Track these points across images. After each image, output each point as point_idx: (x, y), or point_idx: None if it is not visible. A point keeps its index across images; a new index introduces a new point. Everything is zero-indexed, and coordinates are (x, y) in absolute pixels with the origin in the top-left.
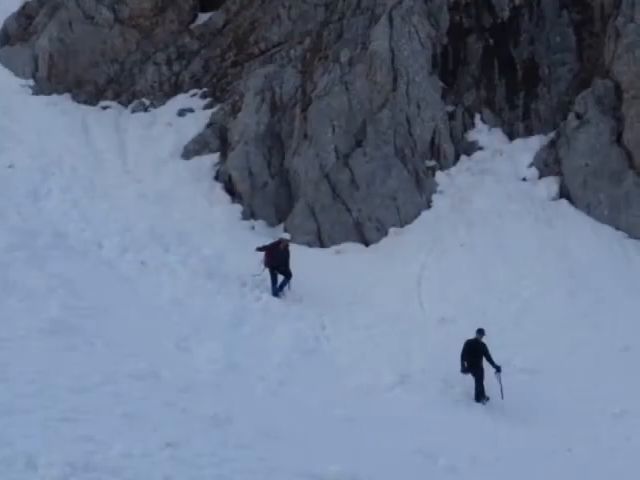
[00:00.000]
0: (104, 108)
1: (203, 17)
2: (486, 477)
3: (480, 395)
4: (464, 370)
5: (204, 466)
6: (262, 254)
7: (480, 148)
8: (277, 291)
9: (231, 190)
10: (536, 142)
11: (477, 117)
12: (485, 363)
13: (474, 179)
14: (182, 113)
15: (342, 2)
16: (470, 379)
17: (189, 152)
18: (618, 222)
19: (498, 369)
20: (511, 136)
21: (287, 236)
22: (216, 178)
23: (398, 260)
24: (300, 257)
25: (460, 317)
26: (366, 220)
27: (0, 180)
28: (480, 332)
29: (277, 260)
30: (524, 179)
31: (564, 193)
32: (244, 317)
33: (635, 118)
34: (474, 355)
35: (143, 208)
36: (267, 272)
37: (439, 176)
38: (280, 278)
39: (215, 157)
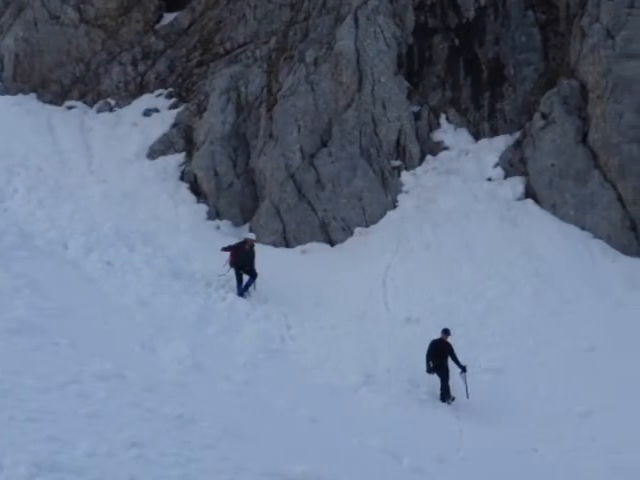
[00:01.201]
0: (69, 108)
1: (168, 17)
2: (451, 477)
3: (445, 395)
4: (429, 370)
5: (170, 466)
6: (227, 254)
7: (446, 148)
8: (242, 291)
9: (196, 190)
10: (501, 142)
11: (442, 117)
12: (450, 363)
13: (440, 179)
14: (147, 113)
15: (307, 2)
16: (436, 379)
17: (154, 152)
18: (584, 222)
19: (463, 369)
20: (476, 136)
21: (252, 236)
22: (181, 178)
23: (364, 260)
24: (265, 257)
25: (425, 317)
26: (332, 220)
27: None
28: (445, 332)
29: (242, 260)
30: (490, 179)
31: (530, 193)
32: (209, 317)
33: (601, 118)
34: (439, 355)
35: (108, 208)
36: (232, 272)
37: (405, 176)
38: (245, 278)
39: (180, 157)
